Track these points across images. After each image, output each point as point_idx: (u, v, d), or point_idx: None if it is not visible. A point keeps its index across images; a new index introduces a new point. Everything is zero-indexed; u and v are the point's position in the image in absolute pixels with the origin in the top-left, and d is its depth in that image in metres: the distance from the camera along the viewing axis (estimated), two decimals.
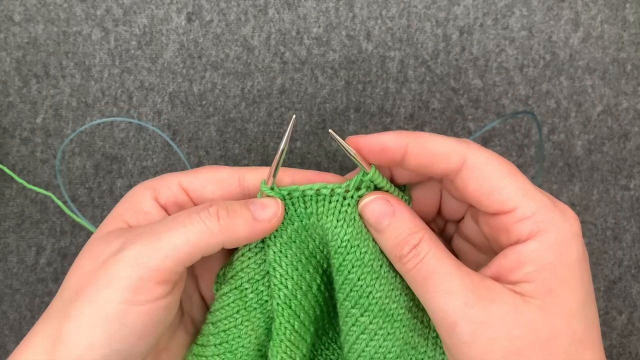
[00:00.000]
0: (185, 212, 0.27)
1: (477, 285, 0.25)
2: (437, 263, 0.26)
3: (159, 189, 0.29)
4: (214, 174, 0.29)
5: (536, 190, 0.26)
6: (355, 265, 0.28)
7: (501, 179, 0.25)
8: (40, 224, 0.48)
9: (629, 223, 0.49)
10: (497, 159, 0.26)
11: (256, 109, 0.48)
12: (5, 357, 0.48)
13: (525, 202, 0.25)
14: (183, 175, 0.29)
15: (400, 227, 0.27)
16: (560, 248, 0.24)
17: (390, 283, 0.28)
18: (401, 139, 0.27)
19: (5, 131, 0.48)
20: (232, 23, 0.48)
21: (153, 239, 0.25)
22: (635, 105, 0.49)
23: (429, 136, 0.27)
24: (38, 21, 0.48)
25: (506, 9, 0.48)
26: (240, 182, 0.29)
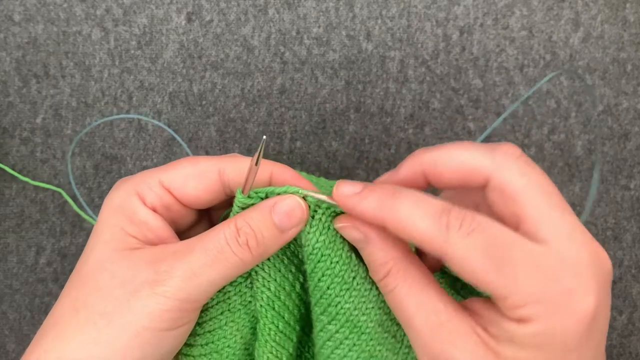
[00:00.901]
0: (214, 241, 0.26)
1: (442, 326, 0.24)
2: (403, 298, 0.25)
3: (143, 193, 0.28)
4: (193, 168, 0.28)
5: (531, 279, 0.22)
6: (325, 273, 0.28)
7: (485, 276, 0.23)
8: (40, 224, 0.48)
9: (629, 223, 0.49)
10: (480, 254, 0.23)
11: (256, 109, 0.48)
12: (6, 357, 0.48)
13: (513, 296, 0.23)
14: (162, 172, 0.28)
15: (372, 255, 0.26)
16: (541, 338, 0.22)
17: (363, 295, 0.28)
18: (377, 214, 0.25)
19: (5, 131, 0.48)
20: (232, 23, 0.48)
21: (191, 275, 0.25)
22: (635, 105, 0.49)
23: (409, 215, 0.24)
24: (38, 21, 0.48)
25: (506, 9, 0.48)
26: (220, 176, 0.28)
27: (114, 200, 0.28)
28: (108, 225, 0.27)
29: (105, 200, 0.28)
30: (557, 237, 0.23)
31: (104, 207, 0.28)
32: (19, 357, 0.48)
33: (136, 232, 0.27)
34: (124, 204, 0.27)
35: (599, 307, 0.22)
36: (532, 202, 0.24)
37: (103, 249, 0.27)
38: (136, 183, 0.28)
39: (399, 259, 0.26)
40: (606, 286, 0.23)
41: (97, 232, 0.27)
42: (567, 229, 0.23)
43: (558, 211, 0.24)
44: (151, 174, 0.28)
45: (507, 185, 0.24)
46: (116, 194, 0.28)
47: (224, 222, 0.27)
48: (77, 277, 0.27)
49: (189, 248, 0.26)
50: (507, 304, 0.23)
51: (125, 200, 0.27)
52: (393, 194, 0.25)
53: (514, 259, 0.23)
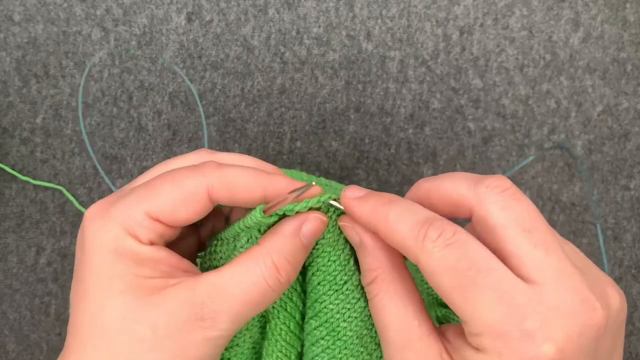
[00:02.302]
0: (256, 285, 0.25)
1: (411, 345, 0.24)
2: (382, 307, 0.26)
3: (134, 231, 0.25)
4: (179, 191, 0.25)
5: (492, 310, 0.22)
6: (320, 269, 0.28)
7: (447, 294, 0.23)
8: (40, 224, 0.48)
9: (629, 223, 0.49)
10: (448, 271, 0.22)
11: (256, 109, 0.48)
12: (6, 357, 0.48)
13: (471, 322, 0.22)
14: (146, 201, 0.25)
15: (362, 259, 0.27)
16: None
17: (349, 302, 0.28)
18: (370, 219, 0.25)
19: (5, 131, 0.48)
20: (232, 23, 0.48)
21: (236, 318, 0.25)
22: (635, 105, 0.49)
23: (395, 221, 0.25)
24: (38, 21, 0.48)
25: (506, 9, 0.48)
26: (209, 196, 0.26)
27: (105, 245, 0.25)
28: (116, 276, 0.24)
29: (90, 243, 0.25)
30: (543, 278, 0.22)
31: (94, 252, 0.25)
32: (19, 357, 0.48)
33: (150, 273, 0.25)
34: (121, 248, 0.25)
35: (564, 356, 0.21)
36: (514, 239, 0.23)
37: (124, 301, 0.24)
38: (122, 220, 0.25)
39: (387, 268, 0.26)
40: (581, 339, 0.21)
41: (103, 284, 0.24)
42: (552, 271, 0.22)
43: (542, 250, 0.22)
44: (134, 205, 0.25)
45: (488, 220, 0.23)
46: (104, 236, 0.25)
47: (255, 255, 0.26)
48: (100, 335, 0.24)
49: (226, 291, 0.25)
50: (466, 328, 0.23)
51: (121, 244, 0.25)
52: (388, 201, 0.25)
53: (482, 285, 0.22)
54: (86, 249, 0.25)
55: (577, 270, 0.22)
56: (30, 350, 0.48)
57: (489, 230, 0.23)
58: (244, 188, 0.26)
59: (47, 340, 0.48)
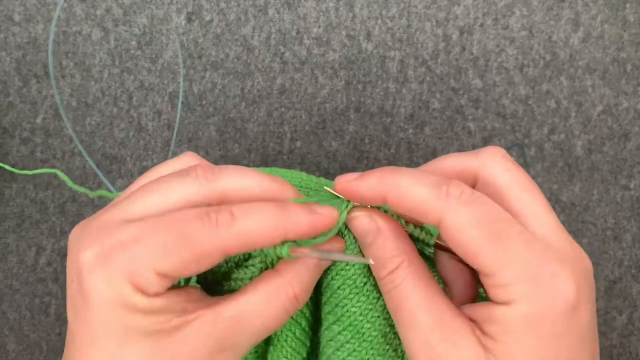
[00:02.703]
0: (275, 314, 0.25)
1: (444, 325, 0.24)
2: (409, 293, 0.25)
3: (142, 286, 0.23)
4: (191, 255, 0.23)
5: (521, 256, 0.23)
6: (339, 272, 0.28)
7: (478, 246, 0.23)
8: (40, 224, 0.48)
9: (629, 223, 0.49)
10: (477, 222, 0.23)
11: (256, 109, 0.48)
12: (6, 357, 0.48)
13: (502, 272, 0.23)
14: (155, 260, 0.23)
15: (382, 248, 0.26)
16: (530, 320, 0.23)
17: (371, 303, 0.28)
18: (379, 190, 0.25)
19: (5, 131, 0.48)
20: (232, 23, 0.48)
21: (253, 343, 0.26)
22: (635, 105, 0.49)
23: (409, 185, 0.24)
24: (38, 21, 0.48)
25: (506, 9, 0.48)
26: (226, 254, 0.24)
27: (112, 299, 0.23)
28: (131, 326, 0.23)
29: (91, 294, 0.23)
30: (545, 229, 0.24)
31: (101, 304, 0.23)
32: (19, 357, 0.48)
33: (165, 319, 0.24)
34: (130, 304, 0.23)
35: (579, 295, 0.23)
36: (519, 197, 0.25)
37: (144, 347, 0.23)
38: (128, 274, 0.23)
39: (409, 253, 0.26)
40: (587, 282, 0.24)
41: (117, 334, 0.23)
42: (553, 225, 0.25)
43: (542, 207, 0.25)
44: (143, 262, 0.23)
45: (494, 181, 0.25)
46: (109, 289, 0.23)
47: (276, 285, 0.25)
48: None
49: (246, 323, 0.25)
50: (494, 281, 0.23)
51: (129, 300, 0.23)
52: (393, 170, 0.25)
53: (508, 236, 0.23)
54: (90, 300, 0.23)
55: (561, 225, 0.25)
56: (30, 350, 0.48)
57: (495, 191, 0.25)
58: (263, 238, 0.24)
59: (47, 340, 0.48)
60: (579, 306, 0.23)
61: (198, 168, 0.26)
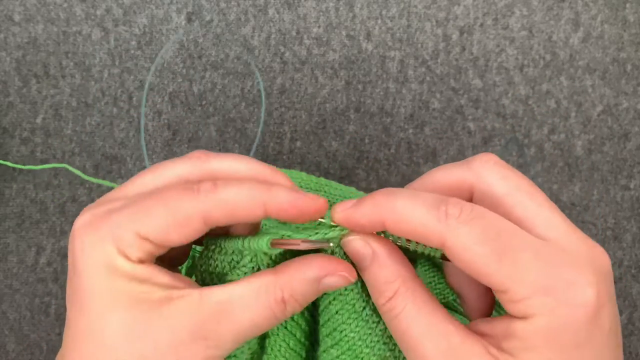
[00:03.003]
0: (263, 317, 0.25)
1: (454, 351, 0.23)
2: (411, 322, 0.24)
3: (125, 250, 0.24)
4: (172, 216, 0.24)
5: (533, 268, 0.22)
6: (336, 298, 0.27)
7: (485, 264, 0.22)
8: (40, 224, 0.48)
9: (629, 223, 0.49)
10: (480, 240, 0.22)
11: (256, 109, 0.48)
12: (6, 357, 0.48)
13: (516, 287, 0.22)
14: (136, 222, 0.24)
15: (377, 274, 0.25)
16: (550, 333, 0.22)
17: (369, 327, 0.27)
18: (376, 217, 0.24)
19: (5, 131, 0.48)
20: (232, 23, 0.48)
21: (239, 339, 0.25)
22: (635, 105, 0.49)
23: (406, 208, 0.23)
24: (38, 21, 0.48)
25: (506, 9, 0.48)
26: (204, 220, 0.25)
27: (97, 261, 0.24)
28: (118, 291, 0.24)
29: (79, 257, 0.24)
30: (554, 233, 0.23)
31: (87, 267, 0.24)
32: (19, 357, 0.48)
33: (149, 289, 0.24)
34: (113, 266, 0.24)
35: (600, 299, 0.22)
36: (520, 204, 0.24)
37: (128, 316, 0.24)
38: (112, 237, 0.24)
39: (407, 278, 0.25)
40: (607, 281, 0.23)
41: (104, 298, 0.24)
42: (562, 226, 0.23)
43: (547, 209, 0.24)
44: (124, 224, 0.24)
45: (490, 191, 0.24)
46: (94, 251, 0.24)
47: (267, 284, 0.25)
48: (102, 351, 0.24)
49: (231, 315, 0.24)
50: (509, 297, 0.22)
51: (113, 262, 0.24)
52: (388, 194, 0.24)
53: (515, 248, 0.22)
54: (78, 264, 0.24)
55: (571, 223, 0.24)
56: (30, 350, 0.48)
57: (494, 201, 0.24)
58: (242, 209, 0.25)
59: (47, 340, 0.48)
60: (600, 311, 0.22)
61: (195, 152, 0.26)
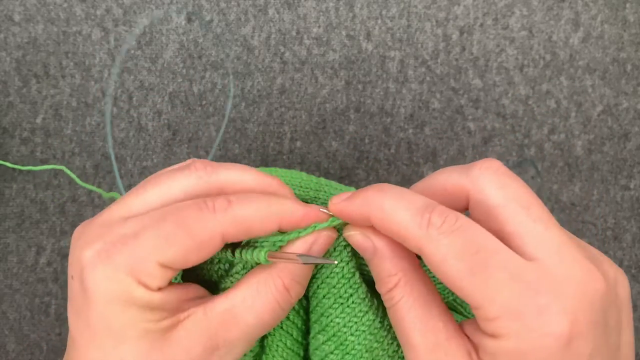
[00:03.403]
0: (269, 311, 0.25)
1: (438, 347, 0.23)
2: (405, 313, 0.24)
3: (143, 280, 0.23)
4: (192, 241, 0.24)
5: (506, 290, 0.21)
6: (324, 281, 0.27)
7: (459, 279, 0.22)
8: (40, 224, 0.48)
9: (629, 223, 0.49)
10: (457, 254, 0.22)
11: (256, 109, 0.48)
12: (6, 357, 0.48)
13: (487, 306, 0.22)
14: (157, 251, 0.23)
15: (379, 266, 0.25)
16: (518, 356, 0.22)
17: (356, 316, 0.27)
18: (363, 212, 0.24)
19: (5, 131, 0.48)
20: (232, 23, 0.48)
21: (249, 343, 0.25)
22: (635, 106, 0.49)
23: (392, 208, 0.23)
24: (38, 21, 0.48)
25: (506, 9, 0.48)
26: (224, 238, 0.24)
27: (113, 295, 0.23)
28: (128, 324, 0.23)
29: (93, 290, 0.23)
30: (545, 253, 0.22)
31: (101, 301, 0.23)
32: (19, 357, 0.48)
33: (160, 316, 0.24)
34: (131, 299, 0.23)
35: (576, 328, 0.21)
36: (513, 218, 0.23)
37: (140, 347, 0.23)
38: (130, 269, 0.23)
39: (408, 271, 0.25)
40: (592, 308, 0.21)
41: (114, 332, 0.23)
42: (554, 245, 0.22)
43: (541, 225, 0.22)
44: (146, 256, 0.23)
45: (485, 201, 0.24)
46: (111, 285, 0.23)
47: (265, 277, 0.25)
48: None
49: (239, 319, 0.25)
50: (480, 314, 0.22)
51: (131, 295, 0.23)
52: (380, 189, 0.24)
53: (491, 267, 0.22)
54: (90, 294, 0.23)
55: (574, 242, 0.23)
56: (30, 350, 0.48)
57: (488, 211, 0.23)
58: (258, 224, 0.25)
59: (47, 340, 0.48)
60: (575, 339, 0.21)
61: (197, 162, 0.26)
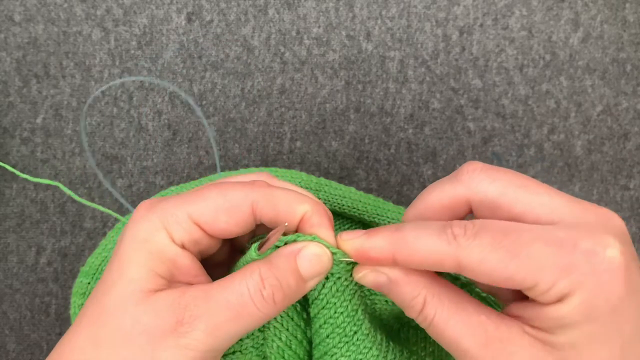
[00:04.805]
0: (237, 295, 0.25)
1: (491, 339, 0.23)
2: (445, 324, 0.24)
3: (171, 228, 0.26)
4: (224, 199, 0.26)
5: (548, 255, 0.22)
6: (327, 321, 0.27)
7: (505, 269, 0.23)
8: (40, 224, 0.48)
9: (629, 223, 0.49)
10: (492, 248, 0.23)
11: (256, 109, 0.48)
12: (6, 357, 0.48)
13: (541, 277, 0.22)
14: (191, 204, 0.26)
15: (401, 294, 0.26)
16: (585, 308, 0.22)
17: (360, 352, 0.27)
18: (386, 251, 0.25)
19: (5, 131, 0.48)
20: (232, 23, 0.48)
21: (213, 329, 0.25)
22: (635, 105, 0.49)
23: (416, 239, 0.24)
24: (38, 21, 0.48)
25: (506, 9, 0.48)
26: (253, 210, 0.26)
27: (139, 234, 0.26)
28: (133, 263, 0.26)
29: (129, 231, 0.26)
30: (560, 215, 0.23)
31: (128, 239, 0.26)
32: (19, 357, 0.48)
33: (163, 271, 0.26)
34: (150, 239, 0.26)
35: (626, 257, 0.22)
36: (516, 200, 0.24)
37: (128, 287, 0.25)
38: (163, 216, 0.26)
39: (429, 286, 0.25)
40: (625, 240, 0.23)
41: (121, 267, 0.26)
42: (564, 206, 0.24)
43: (544, 195, 0.24)
44: (179, 205, 0.26)
45: (486, 198, 0.25)
46: (141, 226, 0.26)
47: (248, 268, 0.26)
48: (98, 311, 0.25)
49: (211, 298, 0.25)
50: (538, 290, 0.22)
51: (152, 235, 0.26)
52: (396, 228, 0.25)
53: (525, 242, 0.23)
54: (124, 236, 0.26)
55: (576, 199, 0.24)
56: (31, 350, 0.48)
57: (492, 205, 0.25)
58: (285, 208, 0.26)
59: (47, 340, 0.48)
60: (629, 264, 0.22)
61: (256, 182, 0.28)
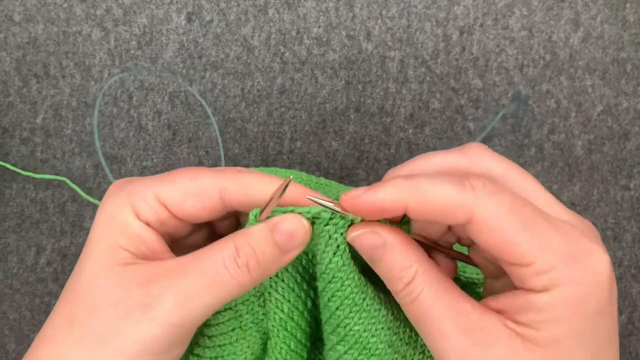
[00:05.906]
0: (210, 262, 0.24)
1: (473, 326, 0.23)
2: (431, 303, 0.24)
3: (138, 206, 0.26)
4: (193, 184, 0.26)
5: (556, 239, 0.23)
6: (335, 294, 0.27)
7: (514, 234, 0.22)
8: (40, 224, 0.48)
9: (629, 223, 0.49)
10: (509, 210, 0.23)
11: (256, 109, 0.48)
12: (6, 357, 0.48)
13: (543, 257, 0.22)
14: (159, 185, 0.26)
15: (393, 261, 0.25)
16: (576, 302, 0.22)
17: (372, 316, 0.27)
18: (399, 197, 0.24)
19: (5, 131, 0.48)
20: (232, 23, 0.48)
21: (184, 300, 0.24)
22: (635, 105, 0.49)
23: (430, 186, 0.23)
24: (38, 21, 0.48)
25: (506, 9, 0.48)
26: (222, 196, 0.26)
27: (107, 211, 0.26)
28: (101, 238, 0.26)
29: (99, 210, 0.27)
30: (551, 210, 0.24)
31: (97, 218, 0.26)
32: (19, 357, 0.48)
33: (129, 245, 0.26)
34: (115, 216, 0.26)
35: (611, 267, 0.23)
36: (517, 186, 0.25)
37: (96, 263, 0.25)
38: (131, 194, 0.26)
39: (422, 261, 0.25)
40: (606, 252, 0.24)
41: (91, 244, 0.26)
42: (555, 204, 0.25)
43: (542, 192, 0.25)
44: (147, 185, 0.26)
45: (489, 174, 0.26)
46: (110, 203, 0.26)
47: (222, 240, 0.25)
48: (71, 291, 0.26)
49: (183, 268, 0.24)
50: (533, 269, 0.22)
51: (118, 212, 0.26)
52: (407, 177, 0.24)
53: (538, 220, 0.23)
54: (96, 215, 0.27)
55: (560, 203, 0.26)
56: None
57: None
58: (256, 192, 0.26)
59: None
60: (613, 277, 0.23)
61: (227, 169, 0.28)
